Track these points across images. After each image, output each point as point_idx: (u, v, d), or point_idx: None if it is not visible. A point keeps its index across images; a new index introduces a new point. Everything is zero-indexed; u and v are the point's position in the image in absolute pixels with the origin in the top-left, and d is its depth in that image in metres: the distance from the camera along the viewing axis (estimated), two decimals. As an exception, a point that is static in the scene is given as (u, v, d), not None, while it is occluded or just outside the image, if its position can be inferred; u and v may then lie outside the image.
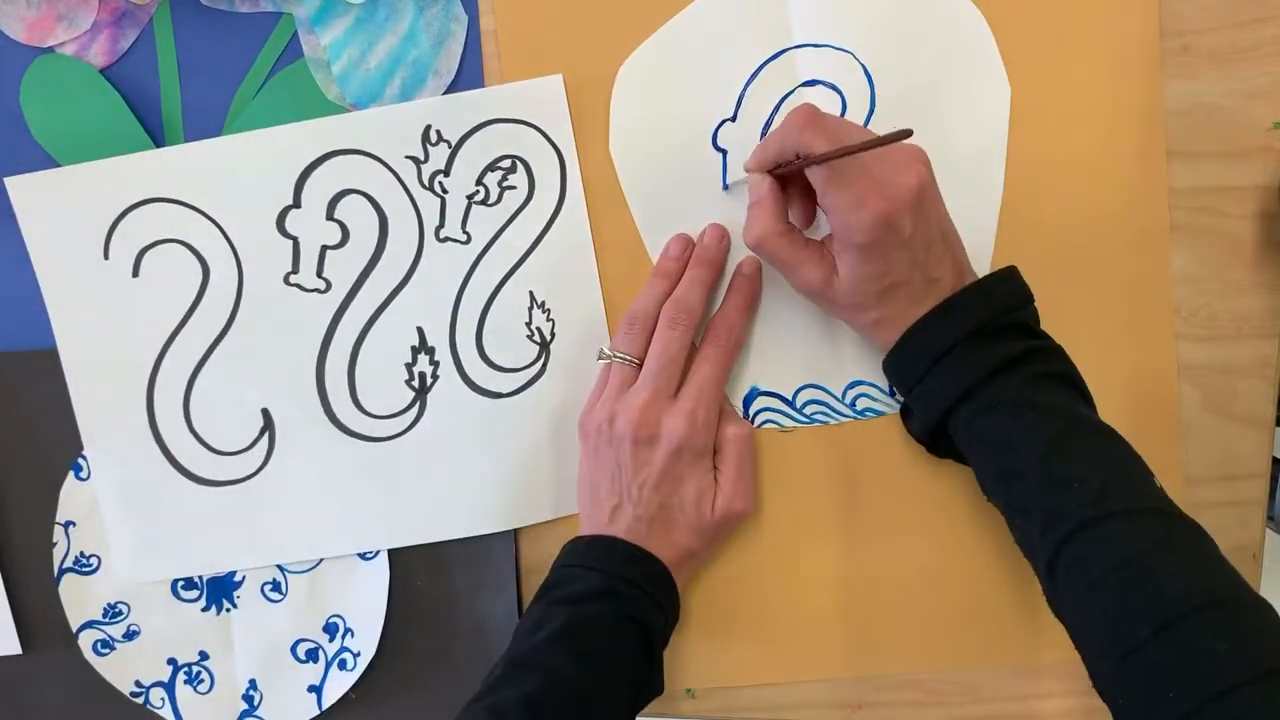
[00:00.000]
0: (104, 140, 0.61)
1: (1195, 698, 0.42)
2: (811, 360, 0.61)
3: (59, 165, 0.61)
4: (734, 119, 0.59)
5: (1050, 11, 0.58)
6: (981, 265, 0.59)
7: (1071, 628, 0.49)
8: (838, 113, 0.58)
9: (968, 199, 0.58)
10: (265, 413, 0.63)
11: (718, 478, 0.59)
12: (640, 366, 0.58)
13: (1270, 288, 0.59)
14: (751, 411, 0.62)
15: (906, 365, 0.54)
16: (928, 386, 0.54)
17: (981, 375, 0.51)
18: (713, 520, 0.58)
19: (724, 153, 0.60)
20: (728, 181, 0.60)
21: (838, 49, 0.58)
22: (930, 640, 0.63)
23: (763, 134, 0.59)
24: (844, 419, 0.61)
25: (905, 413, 0.60)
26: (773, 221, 0.54)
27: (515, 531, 0.64)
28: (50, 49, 0.61)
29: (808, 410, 0.62)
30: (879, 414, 0.61)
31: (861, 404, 0.61)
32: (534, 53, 0.60)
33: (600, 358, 0.60)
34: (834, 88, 0.58)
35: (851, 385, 0.61)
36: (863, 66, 0.58)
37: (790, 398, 0.61)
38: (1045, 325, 0.55)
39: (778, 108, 0.59)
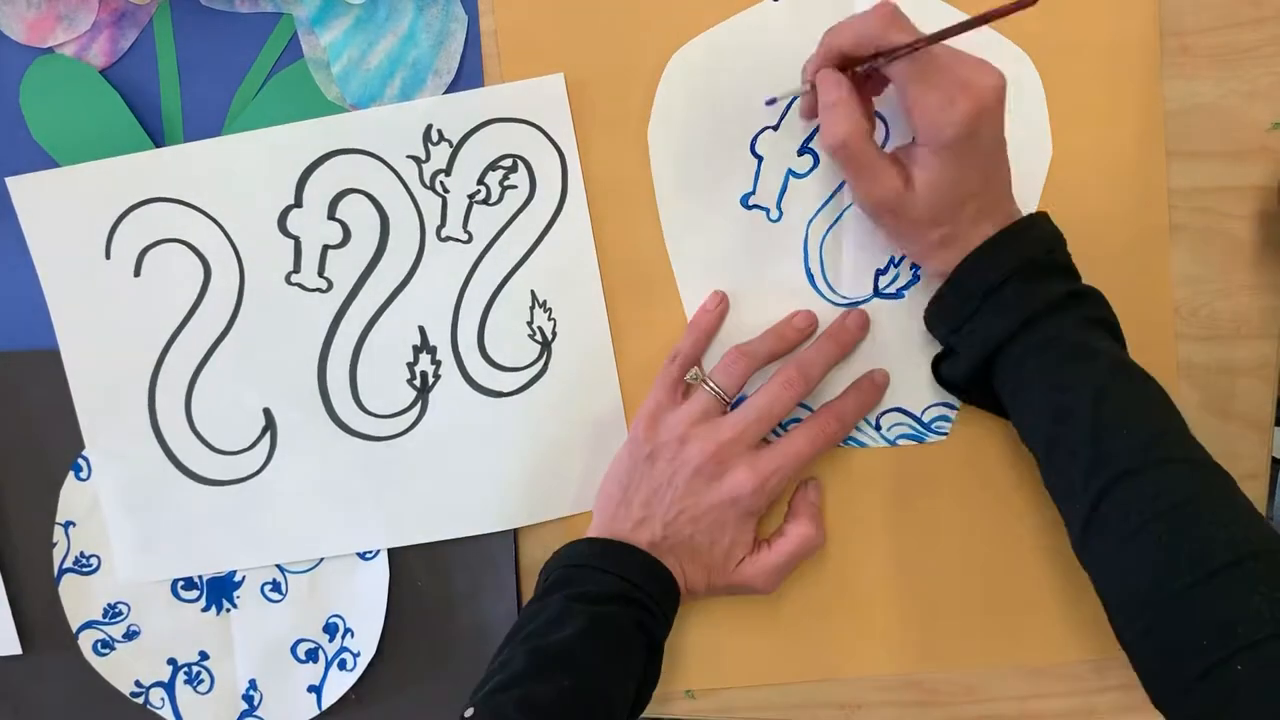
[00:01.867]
0: (104, 140, 0.61)
1: (1228, 646, 0.42)
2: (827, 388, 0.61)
3: (59, 165, 0.61)
4: (776, 128, 0.59)
5: (1049, 12, 0.58)
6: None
7: (1101, 573, 0.49)
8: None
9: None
10: (267, 412, 0.63)
11: (762, 550, 0.59)
12: (726, 401, 0.58)
13: (1270, 288, 0.60)
14: None
15: (958, 300, 0.54)
16: (979, 323, 0.53)
17: (1035, 311, 0.51)
18: (728, 578, 0.58)
19: (760, 159, 0.60)
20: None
21: None
22: (930, 640, 0.63)
23: (801, 149, 0.59)
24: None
25: (941, 359, 0.59)
26: (860, 120, 0.52)
27: (515, 531, 0.64)
28: (50, 49, 0.61)
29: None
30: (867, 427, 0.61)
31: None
32: (534, 53, 0.60)
33: (691, 379, 0.59)
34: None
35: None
36: None
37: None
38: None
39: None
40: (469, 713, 0.49)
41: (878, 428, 0.61)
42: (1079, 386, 0.50)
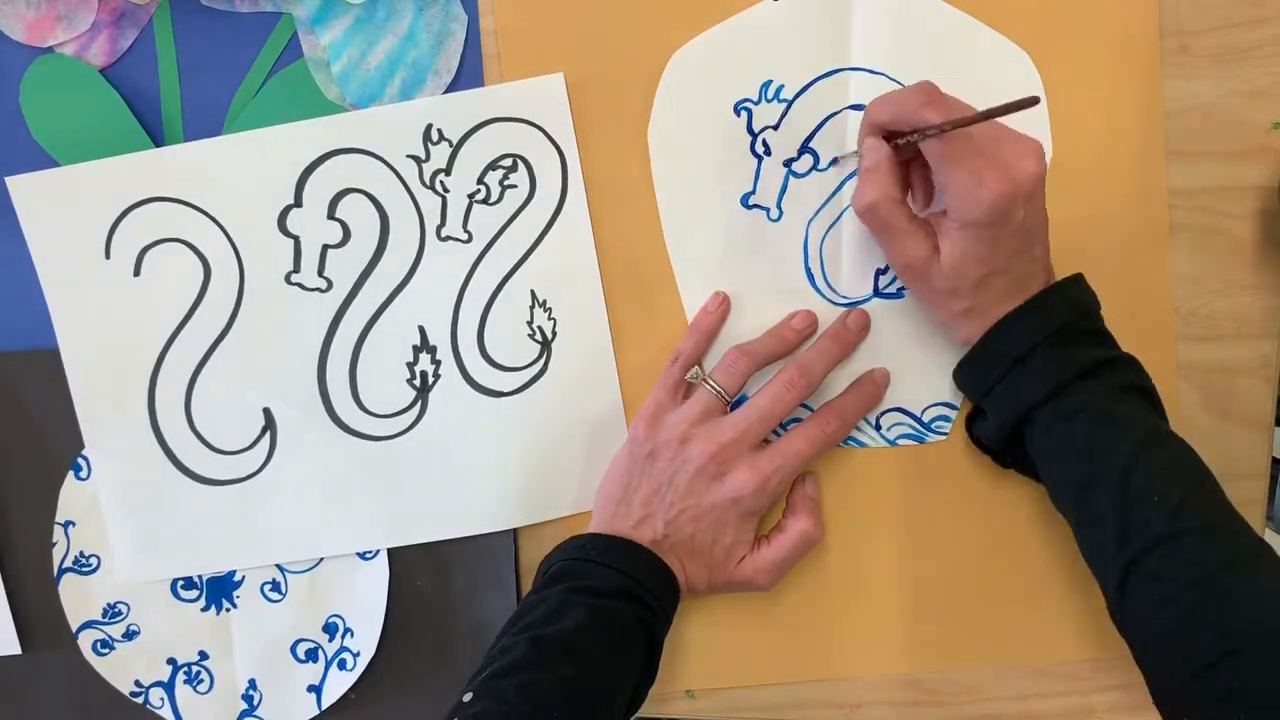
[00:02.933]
0: (104, 140, 0.61)
1: (1267, 718, 0.42)
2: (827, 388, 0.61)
3: (59, 165, 0.61)
4: (776, 127, 0.59)
5: (1050, 12, 0.58)
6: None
7: (1138, 642, 0.49)
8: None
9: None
10: (266, 411, 0.63)
11: (762, 547, 0.59)
12: (726, 401, 0.58)
13: (1270, 288, 0.60)
14: None
15: (987, 365, 0.54)
16: (1008, 388, 0.53)
17: (1064, 379, 0.51)
18: (730, 576, 0.58)
19: (760, 159, 0.60)
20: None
21: (893, 79, 0.58)
22: (930, 639, 0.63)
23: (801, 149, 0.59)
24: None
25: (974, 419, 0.60)
26: (889, 187, 0.53)
27: (515, 531, 0.64)
28: (50, 49, 0.61)
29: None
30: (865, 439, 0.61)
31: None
32: (534, 52, 0.60)
33: (692, 378, 0.59)
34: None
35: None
36: None
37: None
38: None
39: (821, 125, 0.59)
40: (467, 697, 0.49)
41: (878, 428, 0.61)
42: (1108, 456, 0.50)
